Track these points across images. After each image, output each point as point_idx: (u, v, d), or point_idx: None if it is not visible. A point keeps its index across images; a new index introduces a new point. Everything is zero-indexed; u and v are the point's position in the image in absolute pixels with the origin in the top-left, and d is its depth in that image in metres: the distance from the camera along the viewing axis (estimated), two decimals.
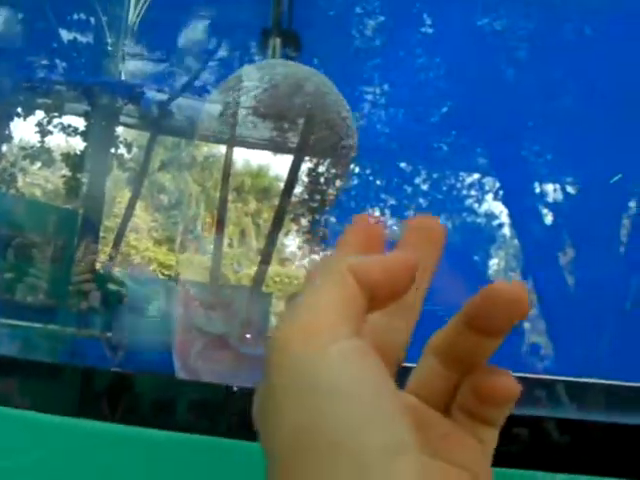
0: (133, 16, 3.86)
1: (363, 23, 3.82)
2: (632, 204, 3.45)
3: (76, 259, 3.16)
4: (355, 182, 3.25)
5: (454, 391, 0.57)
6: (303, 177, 2.44)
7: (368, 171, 3.43)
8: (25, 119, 4.10)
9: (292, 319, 0.48)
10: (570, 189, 3.59)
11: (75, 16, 4.07)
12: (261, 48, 3.26)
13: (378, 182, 3.43)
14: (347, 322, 0.47)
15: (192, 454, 1.31)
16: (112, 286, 3.27)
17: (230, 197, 3.05)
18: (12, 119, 4.10)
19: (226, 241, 3.22)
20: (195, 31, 4.01)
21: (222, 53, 4.00)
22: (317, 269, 0.51)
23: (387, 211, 3.36)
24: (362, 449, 0.43)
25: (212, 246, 3.13)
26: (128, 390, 1.48)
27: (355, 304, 0.49)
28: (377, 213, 3.19)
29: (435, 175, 3.66)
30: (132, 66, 4.04)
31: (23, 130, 4.17)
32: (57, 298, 3.14)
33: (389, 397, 0.46)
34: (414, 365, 0.59)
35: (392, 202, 3.44)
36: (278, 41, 3.21)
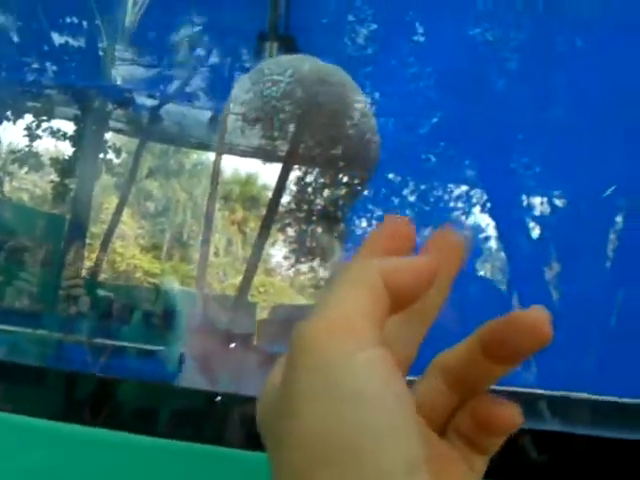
0: (129, 21, 3.86)
1: (355, 31, 3.83)
2: (619, 219, 3.45)
3: (66, 264, 3.16)
4: (343, 192, 3.25)
5: (452, 412, 0.56)
6: (291, 186, 2.44)
7: (356, 181, 3.42)
8: (14, 123, 4.09)
9: (319, 317, 0.47)
10: (558, 202, 3.59)
11: (67, 19, 4.06)
12: (257, 53, 3.25)
13: (365, 192, 3.43)
14: (374, 328, 0.47)
15: (176, 461, 1.30)
16: (101, 292, 3.26)
17: (217, 205, 3.04)
18: (1, 122, 4.10)
19: (212, 250, 3.21)
20: (186, 36, 4.01)
21: (213, 59, 4.00)
22: (346, 268, 0.50)
23: (374, 222, 3.35)
24: (386, 458, 0.43)
25: (198, 254, 3.13)
26: (113, 396, 1.47)
27: (382, 308, 0.48)
28: (364, 224, 3.18)
29: (423, 186, 3.66)
30: (123, 71, 4.04)
31: (12, 134, 4.16)
32: (46, 303, 3.13)
33: (410, 409, 0.46)
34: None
35: (379, 213, 3.43)
36: (275, 45, 3.21)
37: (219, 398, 1.40)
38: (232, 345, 1.62)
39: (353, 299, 0.48)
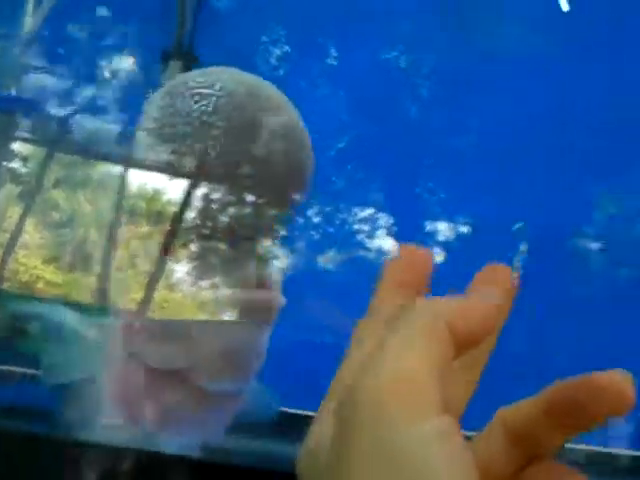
0: (31, 27, 3.81)
1: (268, 51, 3.83)
2: (523, 247, 3.50)
3: None
4: (248, 212, 3.22)
5: (514, 477, 0.52)
6: (196, 202, 2.43)
7: (261, 201, 3.40)
8: None
9: (380, 372, 0.44)
10: (462, 228, 3.63)
11: None
12: (161, 71, 3.24)
13: (272, 213, 3.41)
14: (440, 390, 0.44)
15: None
16: None
17: (123, 219, 3.01)
18: None
19: (115, 263, 3.17)
20: (99, 48, 3.97)
21: (125, 73, 3.96)
22: (404, 313, 0.47)
23: (276, 242, 3.35)
24: None
25: (100, 267, 3.08)
26: None
27: (448, 364, 0.45)
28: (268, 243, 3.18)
29: (328, 208, 3.66)
30: (33, 80, 3.99)
31: None
32: None
33: None
34: None
35: (283, 233, 3.43)
36: (179, 64, 3.19)
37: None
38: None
39: (417, 352, 0.44)
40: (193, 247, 1.68)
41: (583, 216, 3.60)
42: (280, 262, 1.53)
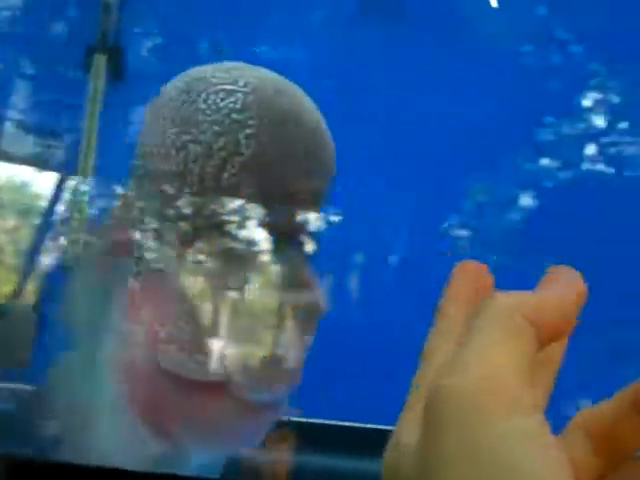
0: None
1: (145, 45, 3.80)
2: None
3: None
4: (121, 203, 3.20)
5: None
6: (66, 195, 2.41)
7: (130, 193, 3.38)
8: None
9: (465, 374, 0.41)
10: (332, 218, 3.67)
11: None
12: (85, 68, 3.17)
13: (141, 205, 3.40)
14: (530, 386, 0.41)
15: None
16: None
17: None
18: None
19: None
20: None
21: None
22: (482, 311, 0.44)
23: (149, 234, 3.34)
24: None
25: None
26: None
27: (534, 359, 0.42)
28: (136, 236, 3.17)
29: (196, 199, 3.67)
30: None
31: None
32: None
33: None
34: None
35: (154, 226, 3.43)
36: (103, 59, 3.12)
37: None
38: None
39: (501, 348, 0.41)
40: (63, 240, 1.63)
41: (453, 205, 3.68)
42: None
